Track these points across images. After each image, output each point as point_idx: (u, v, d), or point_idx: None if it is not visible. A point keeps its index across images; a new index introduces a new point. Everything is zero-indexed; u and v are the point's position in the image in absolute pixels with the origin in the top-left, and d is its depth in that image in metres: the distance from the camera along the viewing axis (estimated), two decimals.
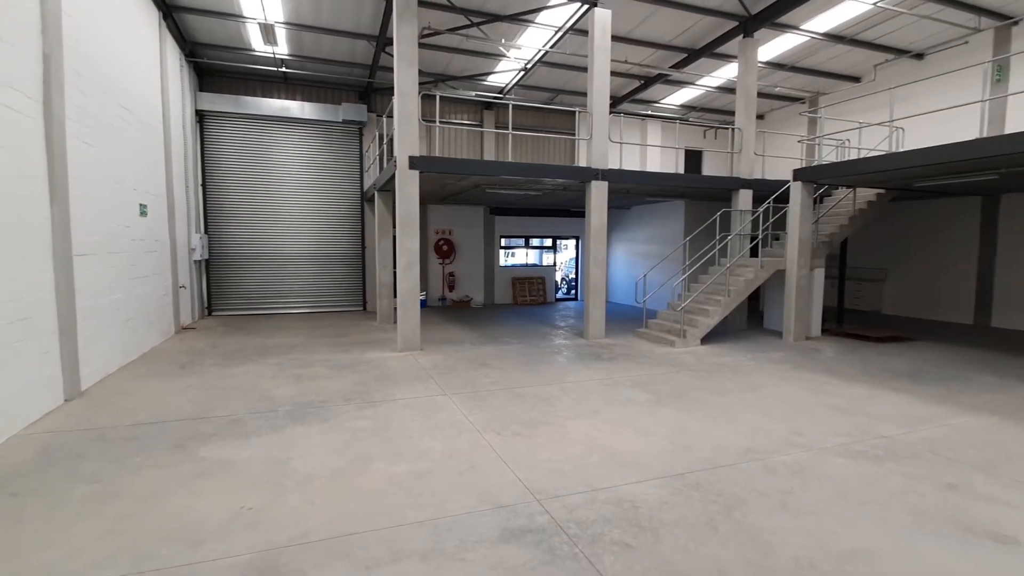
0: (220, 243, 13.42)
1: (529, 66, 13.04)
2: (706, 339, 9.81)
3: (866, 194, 10.77)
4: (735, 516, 3.41)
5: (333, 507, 3.52)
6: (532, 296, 16.45)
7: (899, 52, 12.63)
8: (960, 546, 3.09)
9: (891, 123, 9.78)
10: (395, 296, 9.45)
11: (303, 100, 13.87)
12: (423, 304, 14.89)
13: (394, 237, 9.40)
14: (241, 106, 13.01)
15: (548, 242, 17.31)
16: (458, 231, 15.79)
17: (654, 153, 17.54)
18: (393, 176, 8.86)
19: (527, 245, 17.04)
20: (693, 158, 18.34)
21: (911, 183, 9.78)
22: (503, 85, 14.76)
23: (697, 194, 12.40)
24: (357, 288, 14.62)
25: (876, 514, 3.46)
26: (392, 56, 8.65)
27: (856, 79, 14.28)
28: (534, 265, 17.18)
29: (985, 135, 9.80)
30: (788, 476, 4.03)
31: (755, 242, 10.52)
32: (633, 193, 12.19)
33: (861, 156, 11.51)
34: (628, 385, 6.74)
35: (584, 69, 12.46)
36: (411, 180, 8.54)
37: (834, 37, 11.87)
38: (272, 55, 12.27)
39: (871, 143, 12.73)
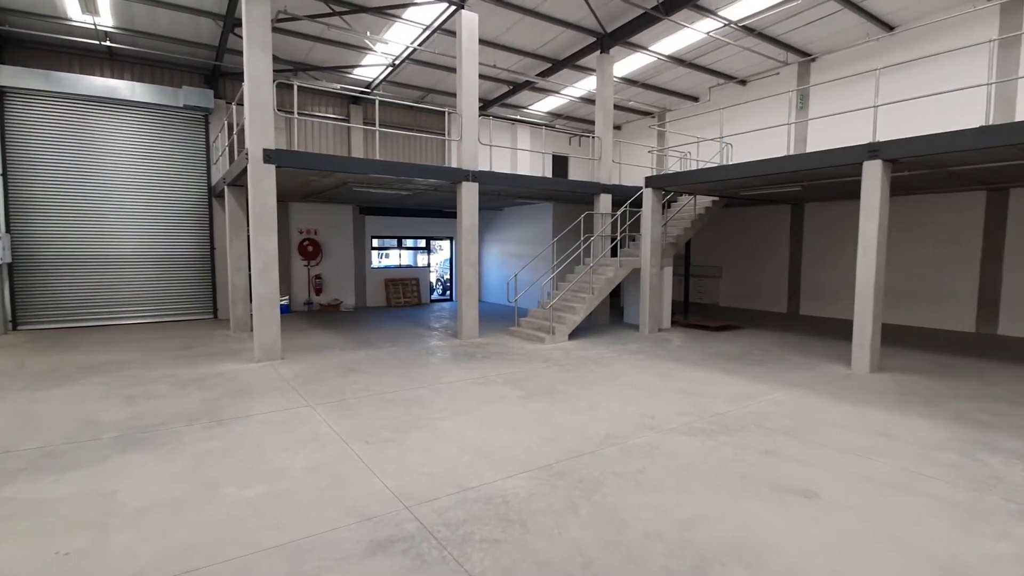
0: (27, 244, 11.23)
1: (397, 62, 12.75)
2: (573, 335, 10.38)
3: (704, 201, 12.19)
4: (595, 499, 3.64)
5: (171, 542, 3.11)
6: (406, 298, 16.12)
7: (728, 77, 14.47)
8: (775, 502, 3.61)
9: (721, 139, 11.15)
10: (251, 301, 8.66)
11: (134, 80, 12.13)
12: (285, 309, 13.85)
13: (249, 237, 8.61)
14: (54, 83, 11.00)
15: (422, 243, 17.09)
16: (325, 231, 14.93)
17: (524, 157, 18.16)
18: (245, 170, 8.11)
19: (400, 246, 16.65)
20: (560, 163, 19.32)
21: (738, 192, 11.26)
22: (371, 80, 14.26)
23: (563, 197, 13.08)
24: (206, 294, 13.15)
25: (711, 482, 3.92)
26: (242, 38, 7.90)
27: (695, 98, 16.09)
28: (408, 266, 16.85)
29: (791, 153, 11.60)
30: (641, 457, 4.40)
31: (615, 243, 11.37)
32: (504, 195, 12.50)
33: (699, 167, 12.97)
34: (501, 383, 6.88)
35: (454, 70, 12.48)
36: (266, 175, 7.88)
37: (676, 60, 13.25)
38: (94, 26, 10.54)
39: (707, 156, 14.44)
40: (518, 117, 18.04)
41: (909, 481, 3.96)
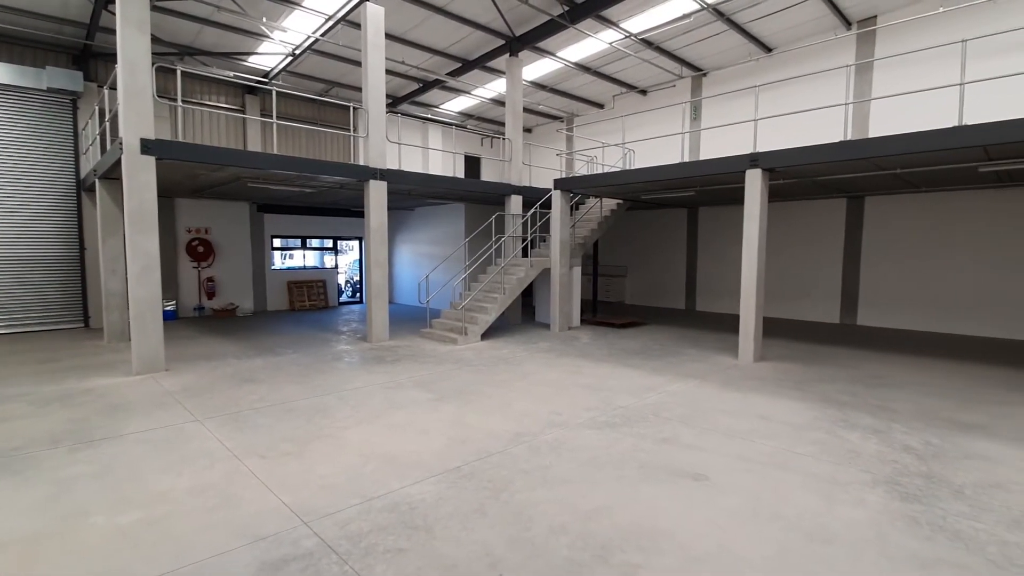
0: None
1: (298, 52, 12.09)
2: (486, 335, 10.42)
3: (610, 203, 12.74)
4: (502, 498, 3.66)
5: None
6: (312, 301, 15.34)
7: (630, 87, 15.25)
8: (671, 488, 3.84)
9: (623, 145, 11.71)
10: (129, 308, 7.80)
11: None
12: (171, 315, 12.66)
13: (125, 236, 7.73)
14: None
15: (329, 243, 16.34)
16: (218, 230, 13.82)
17: (435, 156, 17.96)
18: (119, 162, 7.29)
19: (304, 246, 15.81)
20: (473, 163, 19.34)
21: (639, 195, 11.90)
22: (269, 69, 13.41)
23: (475, 198, 13.09)
24: (75, 300, 11.68)
25: (614, 473, 4.08)
26: (116, 16, 7.09)
27: (601, 105, 16.78)
28: (314, 267, 16.05)
29: (686, 160, 12.42)
30: (548, 453, 4.50)
31: (525, 243, 11.56)
32: (415, 195, 12.27)
33: (605, 171, 13.53)
34: (411, 386, 6.73)
35: (360, 64, 12.06)
36: (144, 167, 7.14)
37: (583, 67, 13.74)
38: None
39: (612, 160, 15.11)
40: (429, 116, 17.81)
41: (784, 459, 4.37)
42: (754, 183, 7.99)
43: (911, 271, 11.34)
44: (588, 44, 12.20)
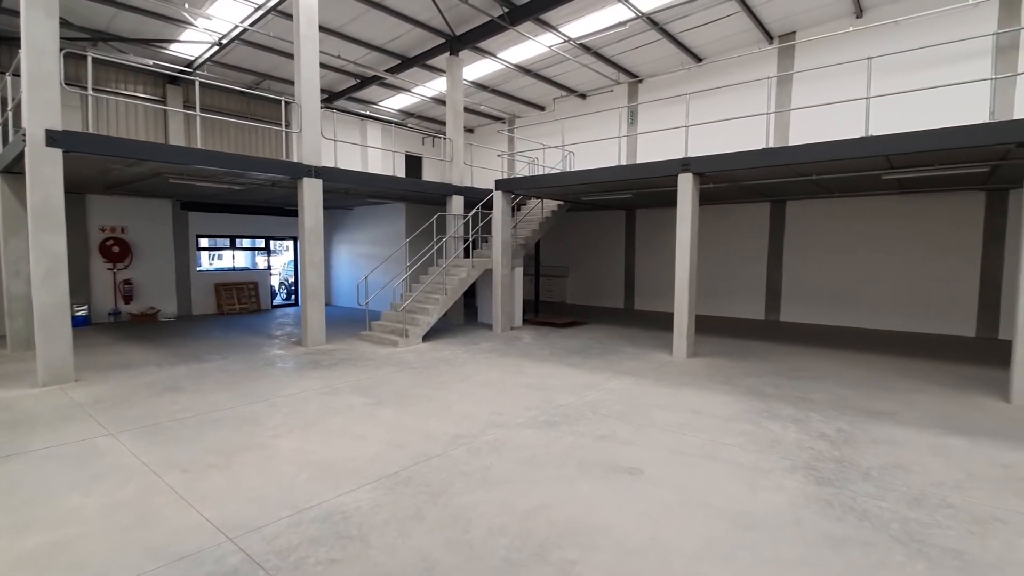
0: None
1: (225, 42, 11.48)
2: (427, 336, 10.29)
3: (551, 205, 12.91)
4: (441, 501, 3.62)
5: None
6: (243, 304, 14.60)
7: (569, 90, 15.53)
8: (607, 483, 3.93)
9: (562, 147, 11.91)
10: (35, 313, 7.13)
11: None
12: (82, 321, 11.70)
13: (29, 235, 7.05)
14: None
15: (261, 243, 15.61)
16: (136, 229, 12.88)
17: (375, 155, 17.57)
18: (23, 154, 6.65)
19: (234, 246, 15.03)
20: (414, 163, 19.07)
21: (579, 197, 12.14)
22: (193, 58, 12.65)
23: (416, 198, 12.90)
24: None
25: (553, 472, 4.14)
26: None
27: (541, 107, 16.99)
28: (245, 269, 15.28)
29: (623, 163, 12.75)
30: (489, 454, 4.49)
31: (467, 244, 11.52)
32: (352, 193, 11.95)
33: (545, 173, 13.71)
34: (348, 391, 6.54)
35: (293, 56, 11.61)
36: (50, 161, 6.54)
37: (524, 69, 13.86)
38: None
39: (553, 162, 15.32)
40: (368, 113, 17.40)
41: (713, 451, 4.58)
42: (686, 187, 8.33)
43: (827, 270, 12.21)
44: (529, 46, 12.32)
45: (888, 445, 4.72)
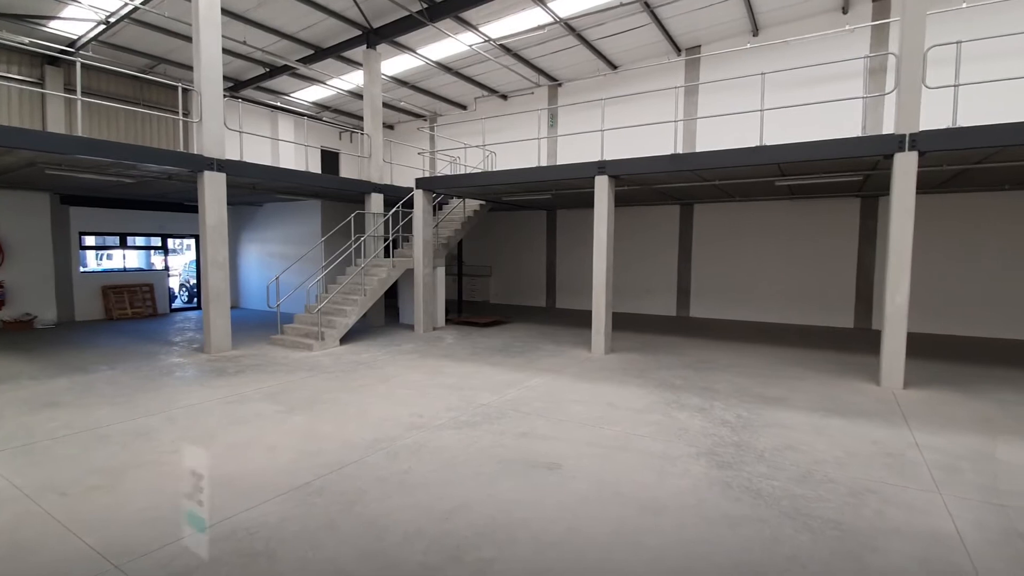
0: None
1: (113, 20, 10.41)
2: (345, 339, 9.92)
3: (473, 204, 12.90)
4: (356, 510, 3.50)
5: None
6: (135, 308, 13.31)
7: (491, 91, 15.59)
8: (527, 479, 3.98)
9: (483, 147, 11.94)
10: None
11: None
12: None
13: None
14: None
15: (157, 241, 14.33)
16: (8, 225, 11.37)
17: (288, 149, 16.69)
18: None
19: (125, 245, 13.67)
20: (331, 158, 18.32)
21: (501, 197, 12.22)
22: (75, 37, 11.37)
23: (332, 195, 12.41)
24: None
25: (472, 471, 4.13)
26: None
27: (463, 106, 16.92)
28: (138, 270, 13.96)
29: (543, 165, 13.00)
30: (407, 457, 4.40)
31: (387, 243, 11.24)
32: (261, 189, 11.27)
33: (467, 172, 13.68)
34: (257, 399, 6.16)
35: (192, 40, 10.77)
36: None
37: (444, 67, 13.73)
38: None
39: (474, 161, 15.31)
40: (279, 104, 16.50)
41: (626, 442, 4.78)
42: (602, 188, 8.63)
43: (730, 269, 13.14)
44: (449, 44, 12.22)
45: (780, 428, 5.16)
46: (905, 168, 6.40)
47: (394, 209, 11.39)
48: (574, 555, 2.99)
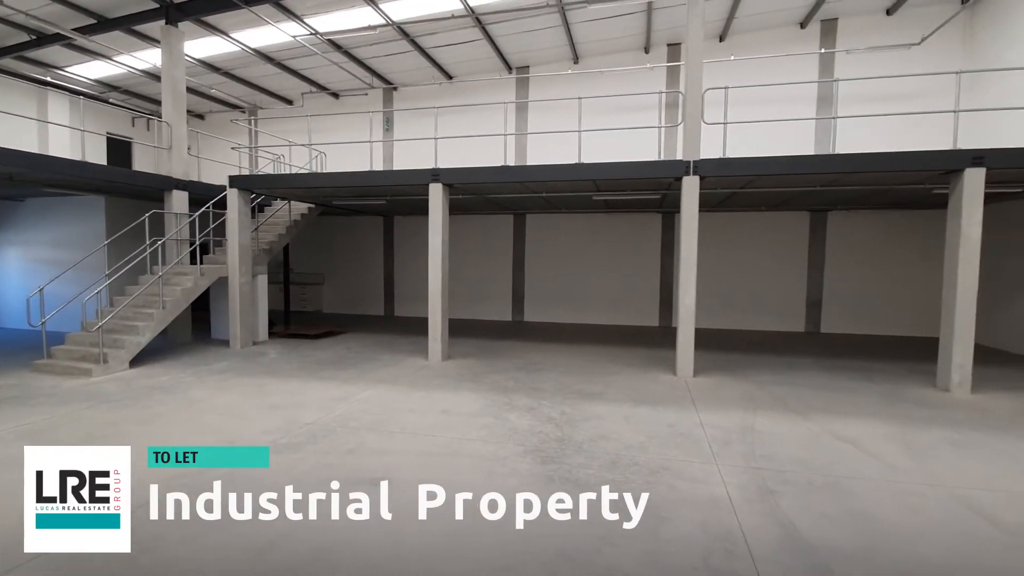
0: None
1: None
2: (138, 360, 8.44)
3: (300, 207, 11.99)
4: (143, 561, 2.95)
5: None
6: None
7: (321, 87, 14.72)
8: (349, 500, 3.76)
9: (310, 145, 11.20)
10: None
11: None
12: None
13: None
14: None
15: None
16: None
17: (62, 133, 13.80)
18: None
19: None
20: (122, 148, 15.57)
21: (331, 200, 11.56)
22: None
23: (120, 190, 10.52)
24: None
25: (290, 499, 3.77)
26: None
27: (290, 101, 15.71)
28: None
29: (378, 169, 12.64)
30: (213, 494, 3.87)
31: (194, 247, 9.88)
32: (22, 181, 9.11)
33: (293, 172, 12.71)
34: (10, 441, 4.91)
35: None
36: None
37: (266, 56, 12.59)
38: None
39: (301, 161, 14.28)
40: (49, 79, 13.58)
41: (458, 447, 4.82)
42: (436, 196, 8.66)
43: (559, 275, 14.16)
44: (270, 32, 11.23)
45: (596, 420, 5.66)
46: (690, 189, 7.55)
47: (203, 209, 10.05)
48: (398, 569, 2.90)
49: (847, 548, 3.20)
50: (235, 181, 9.67)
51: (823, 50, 11.72)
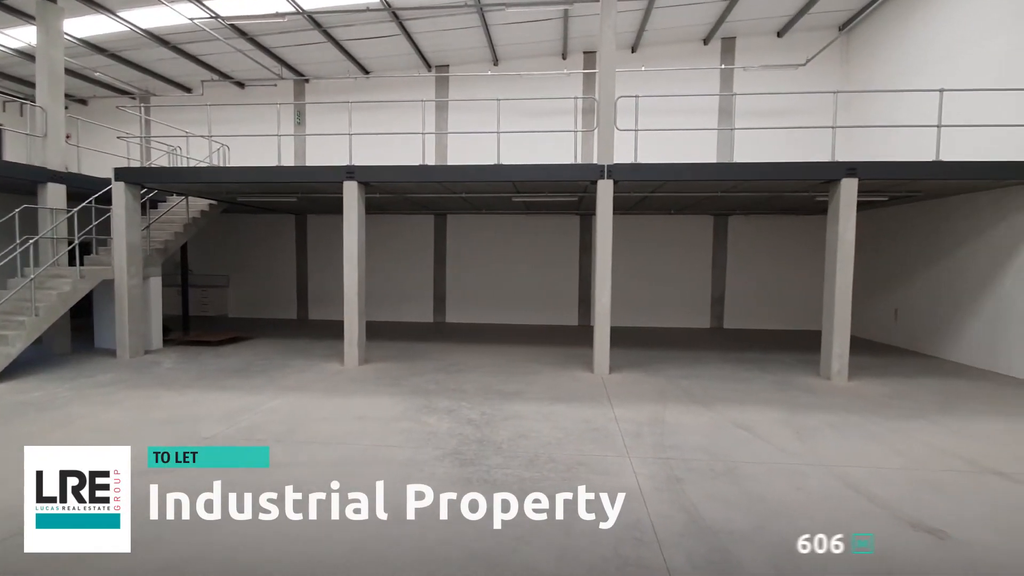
0: None
1: None
2: (7, 374, 7.40)
3: (200, 204, 11.09)
4: None
5: None
6: None
7: (223, 76, 13.73)
8: (252, 519, 3.51)
9: (210, 137, 10.40)
10: None
11: None
12: None
13: None
14: None
15: None
16: None
17: None
18: None
19: None
20: None
21: (235, 197, 10.81)
22: None
23: None
24: None
25: (183, 527, 3.46)
26: None
27: (188, 89, 14.52)
28: None
29: (288, 165, 12.00)
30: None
31: (73, 247, 8.85)
32: None
33: (191, 165, 11.76)
34: None
35: None
36: None
37: (159, 39, 11.55)
38: None
39: (202, 155, 13.24)
40: None
41: (374, 454, 4.66)
42: (351, 194, 8.35)
43: (481, 276, 14.16)
44: (163, 12, 10.31)
45: (516, 419, 5.70)
46: (605, 192, 7.82)
47: (84, 204, 9.02)
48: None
49: (742, 529, 3.44)
50: (122, 174, 8.76)
51: (723, 66, 12.62)
